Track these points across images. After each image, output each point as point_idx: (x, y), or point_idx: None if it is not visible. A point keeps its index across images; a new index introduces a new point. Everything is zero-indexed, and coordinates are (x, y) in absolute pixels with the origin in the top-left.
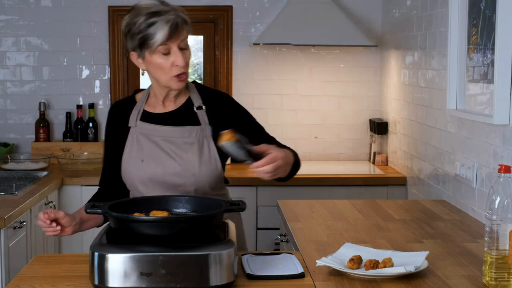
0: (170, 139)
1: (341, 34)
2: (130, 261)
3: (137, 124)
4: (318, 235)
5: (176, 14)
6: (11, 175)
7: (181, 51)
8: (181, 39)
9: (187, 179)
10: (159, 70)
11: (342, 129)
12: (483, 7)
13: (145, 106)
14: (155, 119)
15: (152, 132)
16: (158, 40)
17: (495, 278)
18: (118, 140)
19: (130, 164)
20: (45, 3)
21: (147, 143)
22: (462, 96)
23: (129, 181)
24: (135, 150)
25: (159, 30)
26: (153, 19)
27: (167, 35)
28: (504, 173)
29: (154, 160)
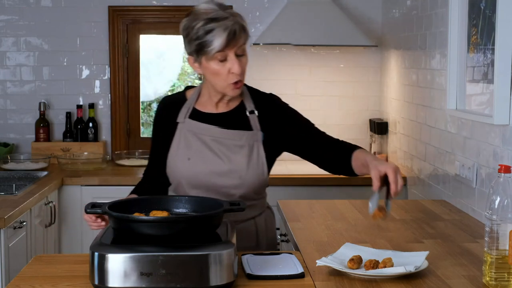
0: (220, 140)
1: (341, 34)
2: (130, 261)
3: (185, 121)
4: (318, 235)
5: (235, 20)
6: (11, 175)
7: (238, 58)
8: (238, 46)
9: (233, 180)
10: (216, 76)
11: (342, 129)
12: (483, 7)
13: (195, 104)
14: (205, 118)
15: (202, 131)
16: (216, 47)
17: (495, 278)
18: (165, 135)
19: (177, 161)
20: (45, 3)
21: (195, 141)
22: (462, 96)
23: (175, 178)
24: (182, 147)
25: (217, 38)
26: (211, 25)
27: (225, 42)
28: (504, 173)
29: (201, 159)
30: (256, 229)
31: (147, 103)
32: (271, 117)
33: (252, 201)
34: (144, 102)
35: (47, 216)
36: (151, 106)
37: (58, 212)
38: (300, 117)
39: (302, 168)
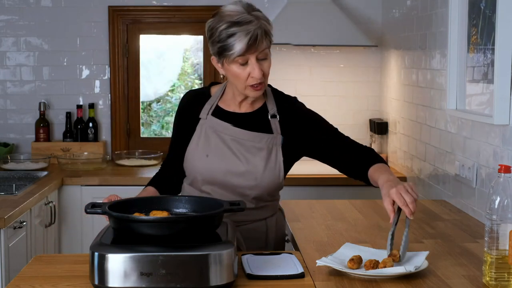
0: (239, 140)
1: (341, 34)
2: (130, 261)
3: (207, 118)
4: (318, 235)
5: (258, 24)
6: (11, 175)
7: (259, 62)
8: (260, 50)
9: (248, 181)
10: (236, 78)
11: (342, 129)
12: (483, 7)
13: (219, 102)
14: (227, 117)
15: (223, 130)
16: (236, 52)
17: (495, 278)
18: (187, 130)
19: (195, 156)
20: (45, 3)
21: (215, 138)
22: (462, 96)
23: (191, 173)
24: (201, 144)
25: (238, 42)
26: (233, 29)
27: (245, 47)
28: (504, 173)
29: (219, 157)
30: (267, 230)
31: (147, 103)
32: (292, 121)
33: (266, 203)
34: (144, 102)
35: (47, 216)
36: (151, 106)
37: (58, 212)
38: (322, 121)
39: (302, 168)
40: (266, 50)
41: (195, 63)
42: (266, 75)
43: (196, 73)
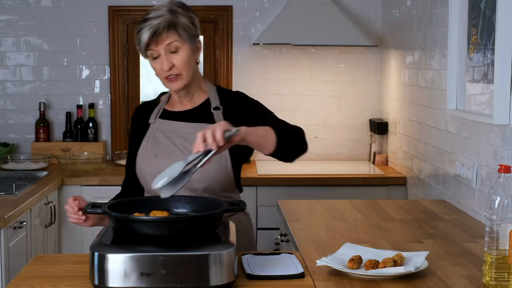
0: (182, 135)
1: (341, 34)
2: (130, 261)
3: (156, 121)
4: (318, 235)
5: (165, 18)
6: (11, 175)
7: (169, 54)
8: (167, 43)
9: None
10: (156, 72)
11: (342, 129)
12: (483, 7)
13: (165, 105)
14: (173, 116)
15: (168, 128)
16: (142, 46)
17: (495, 278)
18: (139, 139)
19: (144, 158)
20: (45, 3)
21: (163, 139)
22: (462, 96)
23: (141, 176)
24: (150, 146)
25: (143, 36)
26: (141, 26)
27: (147, 41)
28: (504, 173)
29: (166, 155)
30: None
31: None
32: (235, 112)
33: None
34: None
35: (47, 216)
36: None
37: (58, 212)
38: (262, 110)
39: (302, 168)
40: (175, 42)
41: None
42: (180, 67)
43: None
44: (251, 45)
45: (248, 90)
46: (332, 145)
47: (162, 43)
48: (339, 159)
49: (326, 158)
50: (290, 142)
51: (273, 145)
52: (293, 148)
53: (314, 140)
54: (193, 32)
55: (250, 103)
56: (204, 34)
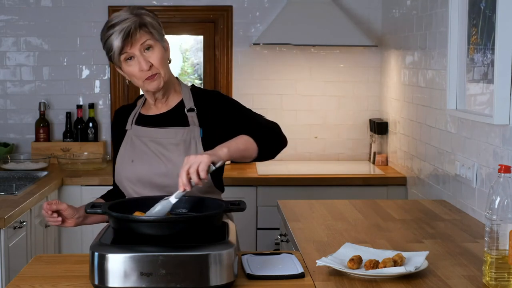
0: (157, 140)
1: (341, 34)
2: (130, 261)
3: (132, 127)
4: (318, 235)
5: (132, 20)
6: (11, 175)
7: (143, 54)
8: (141, 42)
9: (173, 179)
10: (132, 77)
11: (342, 129)
12: (483, 7)
13: (141, 110)
14: (147, 121)
15: (143, 133)
16: (116, 50)
17: (495, 278)
18: (118, 143)
19: (121, 164)
20: (45, 3)
21: (139, 144)
22: (462, 96)
23: (120, 182)
24: (127, 152)
25: (115, 41)
26: (109, 32)
27: (121, 44)
28: (504, 173)
29: (143, 161)
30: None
31: None
32: (210, 112)
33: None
34: None
35: None
36: None
37: None
38: (237, 108)
39: (302, 168)
40: (148, 41)
41: (195, 63)
42: (157, 65)
43: (196, 73)
44: (251, 45)
45: (248, 90)
46: (332, 145)
47: (136, 43)
48: (339, 159)
49: (326, 158)
50: (270, 143)
51: (255, 153)
52: (273, 147)
53: (314, 140)
54: (161, 31)
55: (224, 103)
56: (204, 34)
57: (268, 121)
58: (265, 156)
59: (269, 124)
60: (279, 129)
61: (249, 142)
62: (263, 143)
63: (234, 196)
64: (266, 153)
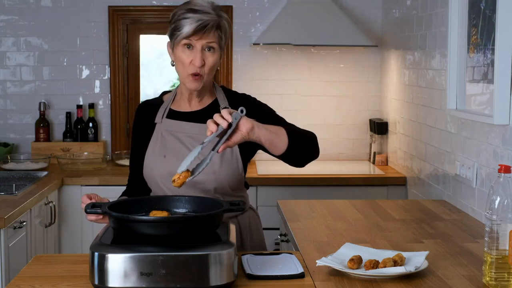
0: (193, 136)
1: (341, 34)
2: (130, 261)
3: (163, 121)
4: (318, 235)
5: (215, 18)
6: (11, 175)
7: (204, 51)
8: (208, 40)
9: (207, 176)
10: (179, 64)
11: (342, 129)
12: (483, 7)
13: (171, 105)
14: (180, 116)
15: (177, 129)
16: (183, 33)
17: (495, 278)
18: (144, 138)
19: (153, 159)
20: (45, 3)
21: (171, 139)
22: (462, 96)
23: (150, 177)
24: (158, 146)
25: (188, 25)
26: (189, 14)
27: (192, 31)
28: (504, 173)
29: (176, 156)
30: (240, 228)
31: None
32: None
33: (231, 197)
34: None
35: (47, 216)
36: None
37: (58, 212)
38: (272, 114)
39: (302, 168)
40: (213, 43)
41: None
42: (209, 68)
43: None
44: (251, 45)
45: (248, 90)
46: (332, 145)
47: (204, 39)
48: (339, 159)
49: (326, 158)
50: (302, 145)
51: (284, 145)
52: (304, 151)
53: None
54: (227, 41)
55: (258, 106)
56: None
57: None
58: (294, 157)
59: (306, 131)
60: (315, 138)
61: (281, 131)
62: (294, 140)
63: None
64: (296, 153)
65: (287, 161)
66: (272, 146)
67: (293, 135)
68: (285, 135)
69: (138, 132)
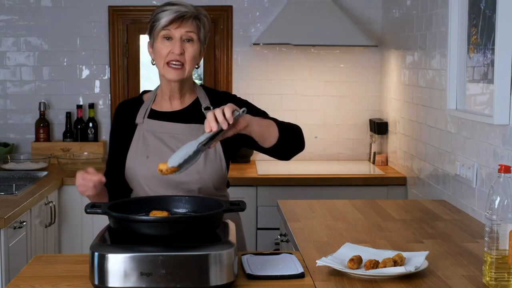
0: (176, 136)
1: (341, 34)
2: (130, 261)
3: (144, 121)
4: (318, 235)
5: (192, 10)
6: (11, 175)
7: (183, 42)
8: (186, 29)
9: (191, 176)
10: (158, 56)
11: (342, 129)
12: (483, 7)
13: (152, 105)
14: (162, 117)
15: (159, 129)
16: (161, 23)
17: (495, 278)
18: (124, 138)
19: (135, 160)
20: (45, 3)
21: (153, 139)
22: (462, 96)
23: (133, 178)
24: (140, 147)
25: (166, 16)
26: (167, 7)
27: (170, 20)
28: (504, 173)
29: (159, 157)
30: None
31: None
32: None
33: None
34: None
35: (47, 216)
36: None
37: (58, 212)
38: (255, 109)
39: (302, 168)
40: (192, 33)
41: None
42: (189, 58)
43: (196, 73)
44: (251, 45)
45: (248, 90)
46: (332, 145)
47: (183, 28)
48: (339, 159)
49: (326, 158)
50: (291, 138)
51: (275, 138)
52: (292, 144)
53: (314, 140)
54: (207, 35)
55: (240, 102)
56: None
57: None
58: (282, 150)
59: (292, 124)
60: (301, 130)
61: (272, 125)
62: (284, 133)
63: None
64: (284, 147)
65: (275, 155)
66: (262, 139)
67: (283, 128)
68: (275, 128)
69: (118, 133)
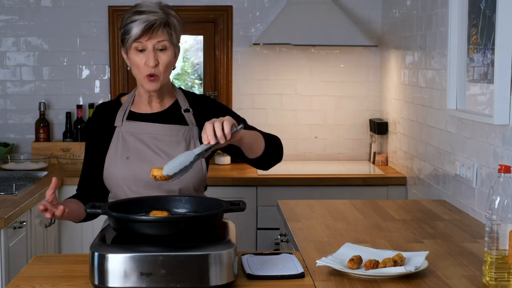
0: (157, 137)
1: (341, 34)
2: (130, 261)
3: (123, 124)
4: (318, 235)
5: (161, 16)
6: (11, 175)
7: (156, 52)
8: (158, 40)
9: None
10: (135, 67)
11: (342, 129)
12: (483, 7)
13: (131, 107)
14: (142, 118)
15: (139, 130)
16: (132, 36)
17: (495, 278)
18: (103, 141)
19: (115, 162)
20: (45, 3)
21: (133, 141)
22: (462, 96)
23: (113, 180)
24: (120, 149)
25: (136, 27)
26: (135, 17)
27: (140, 32)
28: (504, 173)
29: (140, 158)
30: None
31: None
32: (205, 114)
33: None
34: None
35: None
36: None
37: None
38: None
39: (302, 168)
40: (164, 42)
41: (195, 63)
42: (164, 67)
43: (196, 73)
44: (251, 45)
45: (248, 90)
46: (332, 145)
47: (154, 38)
48: (339, 159)
49: (326, 158)
50: (274, 150)
51: (261, 151)
52: (274, 156)
53: (314, 140)
54: (179, 36)
55: (219, 107)
56: (204, 34)
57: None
58: (264, 161)
59: (271, 135)
60: (281, 142)
61: (260, 137)
62: (269, 146)
63: (234, 196)
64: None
65: (256, 165)
66: (250, 151)
67: (269, 141)
68: (262, 141)
69: (96, 135)
